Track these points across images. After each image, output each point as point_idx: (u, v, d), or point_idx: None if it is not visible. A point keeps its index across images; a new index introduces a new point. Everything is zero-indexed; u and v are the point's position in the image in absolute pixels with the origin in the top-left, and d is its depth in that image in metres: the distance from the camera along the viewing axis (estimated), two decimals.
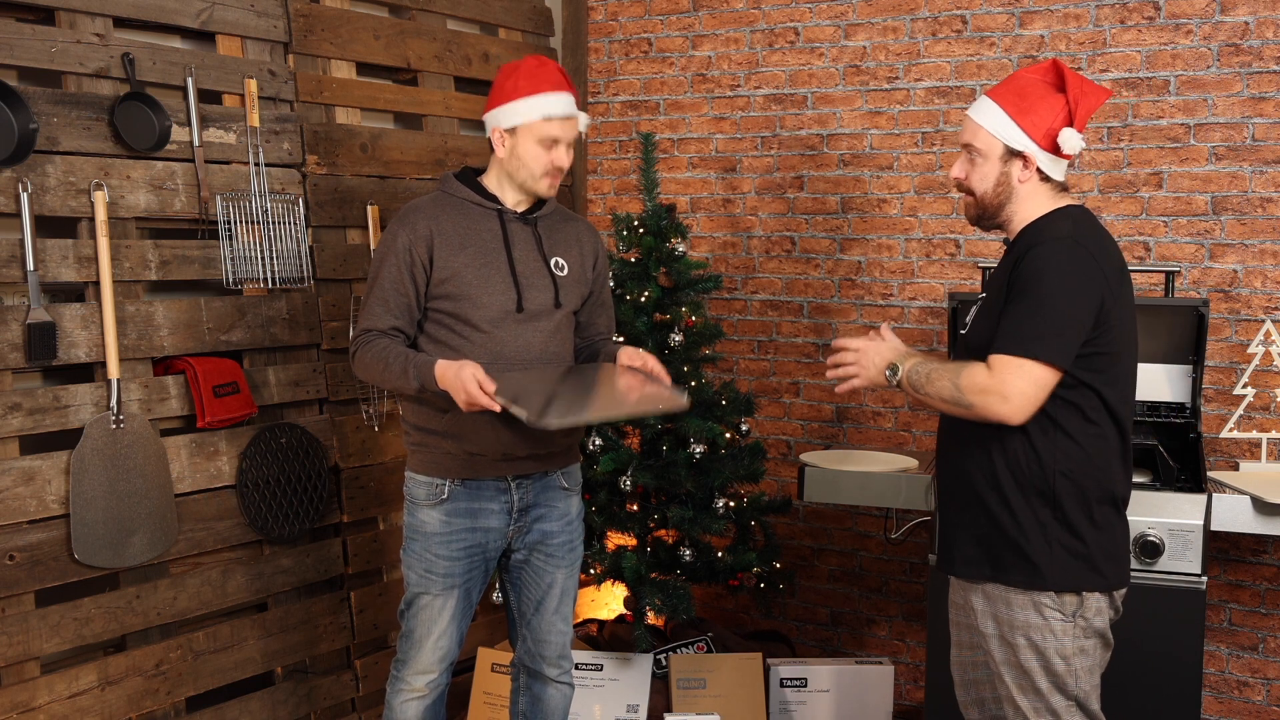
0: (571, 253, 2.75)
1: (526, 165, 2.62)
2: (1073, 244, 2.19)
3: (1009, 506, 2.25)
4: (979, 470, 2.29)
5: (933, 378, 2.25)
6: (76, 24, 2.84)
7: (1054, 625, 2.24)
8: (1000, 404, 2.15)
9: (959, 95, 3.74)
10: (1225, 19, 3.36)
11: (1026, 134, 2.26)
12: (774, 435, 4.16)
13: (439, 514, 2.65)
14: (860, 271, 3.96)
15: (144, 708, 2.97)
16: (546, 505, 2.75)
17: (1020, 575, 2.25)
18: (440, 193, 2.69)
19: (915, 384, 2.28)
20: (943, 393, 2.23)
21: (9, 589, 2.68)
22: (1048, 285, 2.15)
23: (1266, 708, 3.44)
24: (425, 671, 2.71)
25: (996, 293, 2.29)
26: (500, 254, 2.64)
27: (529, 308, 2.64)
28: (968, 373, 2.20)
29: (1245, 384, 3.26)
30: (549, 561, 2.77)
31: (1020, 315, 2.17)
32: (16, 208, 2.69)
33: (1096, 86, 2.29)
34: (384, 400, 3.54)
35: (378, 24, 3.62)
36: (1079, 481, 2.23)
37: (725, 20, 4.14)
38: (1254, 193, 3.37)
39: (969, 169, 2.35)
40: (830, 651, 4.11)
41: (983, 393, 2.16)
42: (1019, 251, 2.25)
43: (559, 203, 2.84)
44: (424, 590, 2.67)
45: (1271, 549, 3.41)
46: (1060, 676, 2.25)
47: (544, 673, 2.84)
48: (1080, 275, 2.17)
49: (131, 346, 2.92)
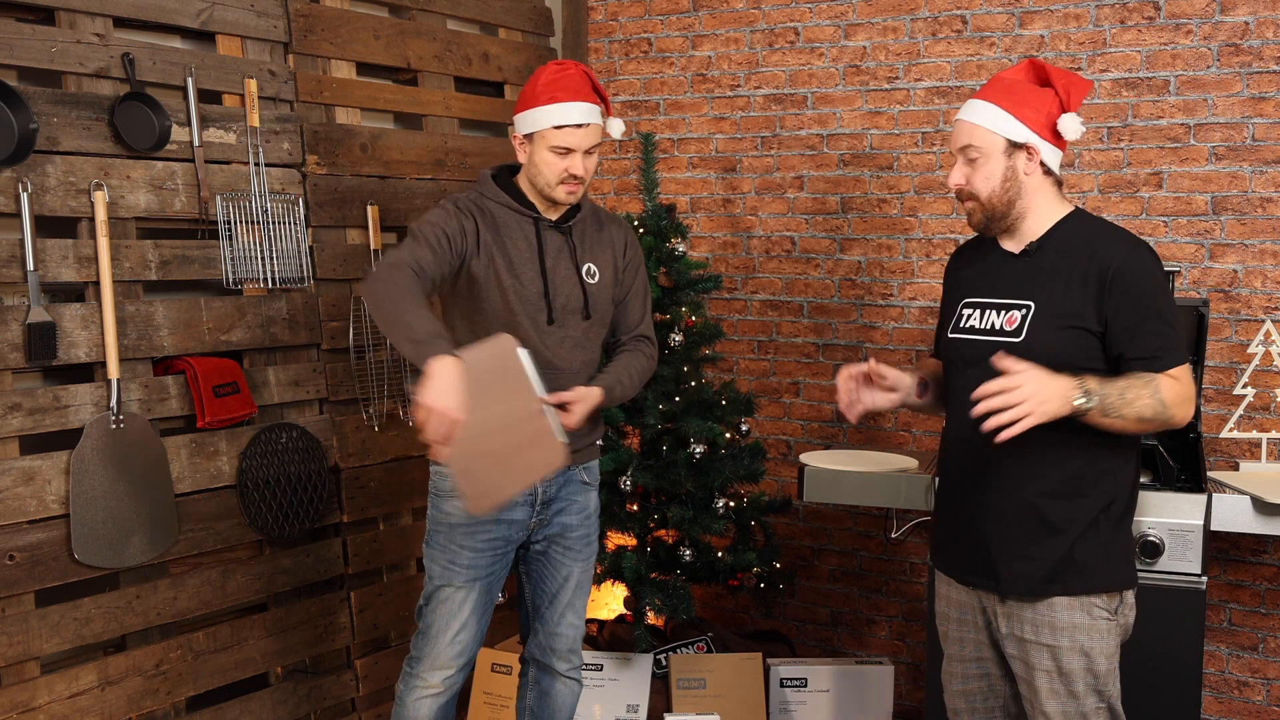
0: (604, 257, 2.75)
1: (542, 173, 2.62)
2: (1147, 247, 2.23)
3: (1071, 515, 2.23)
4: (1037, 480, 2.25)
5: (1128, 397, 2.13)
6: (76, 24, 2.84)
7: (1100, 625, 2.24)
8: (1190, 409, 2.20)
9: (959, 95, 3.74)
10: (1225, 19, 3.36)
11: (1026, 125, 2.24)
12: (774, 435, 4.16)
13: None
14: (860, 271, 3.96)
15: (144, 708, 2.97)
16: (568, 499, 2.76)
17: (1079, 582, 2.23)
18: (478, 194, 2.68)
19: (1110, 408, 2.13)
20: (1144, 412, 2.14)
21: (9, 589, 2.68)
22: (1163, 291, 2.22)
23: (1266, 708, 3.44)
24: (443, 668, 2.71)
25: (1061, 301, 2.22)
26: (534, 264, 2.64)
27: (558, 319, 2.65)
28: (1166, 387, 2.16)
29: (1245, 384, 3.26)
30: (566, 555, 2.79)
31: (1164, 327, 2.19)
32: (16, 208, 2.69)
33: (1077, 75, 2.29)
34: (384, 400, 3.54)
35: (378, 24, 3.62)
36: (1122, 480, 2.26)
37: (725, 20, 4.14)
38: (1254, 193, 3.37)
39: (969, 172, 2.28)
40: (830, 651, 4.11)
41: (1184, 404, 2.18)
42: (1097, 265, 2.19)
43: (593, 205, 2.83)
44: (446, 583, 2.68)
45: (1271, 549, 3.41)
46: (1101, 677, 2.25)
47: (554, 667, 2.85)
48: (1165, 272, 2.28)
49: (131, 346, 2.92)
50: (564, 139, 2.57)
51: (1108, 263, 2.19)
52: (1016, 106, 2.24)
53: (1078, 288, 2.21)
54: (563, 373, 2.65)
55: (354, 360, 3.46)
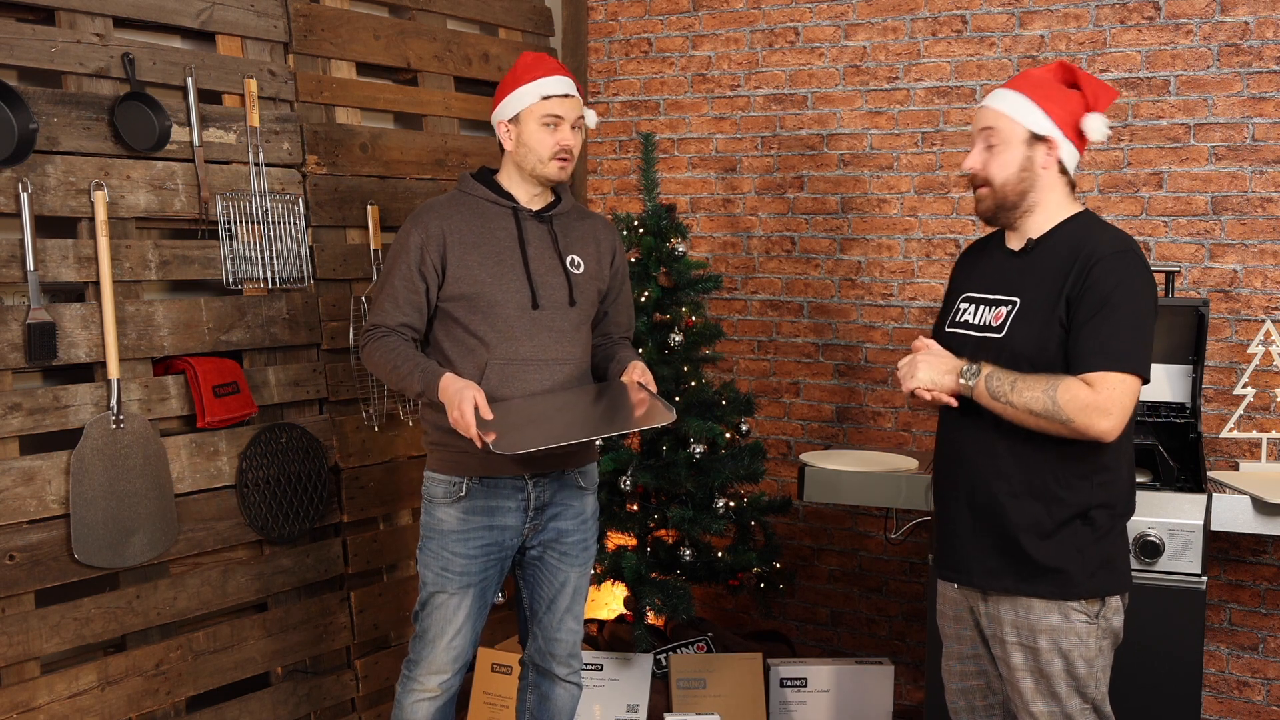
0: (588, 250, 2.77)
1: (534, 150, 2.64)
2: (1140, 256, 2.19)
3: (1036, 516, 2.23)
4: (1005, 480, 2.25)
5: (1019, 388, 2.15)
6: (76, 24, 2.84)
7: (1079, 628, 2.23)
8: (1102, 420, 2.10)
9: (959, 95, 3.74)
10: (1225, 19, 3.36)
11: (1051, 119, 2.24)
12: (774, 435, 4.16)
13: (456, 512, 2.66)
14: (860, 271, 3.96)
15: (144, 708, 2.97)
16: (563, 504, 2.76)
17: (1050, 585, 2.22)
18: (457, 192, 2.72)
19: (996, 391, 2.18)
20: (1032, 405, 2.14)
21: (9, 589, 2.68)
22: (1130, 298, 2.13)
23: (1266, 708, 3.44)
24: (438, 672, 2.71)
25: (1042, 298, 2.23)
26: (515, 252, 2.65)
27: (543, 305, 2.64)
28: (1065, 387, 2.12)
29: (1245, 384, 3.26)
30: (563, 560, 2.78)
31: (1111, 330, 2.13)
32: (16, 208, 2.69)
33: (1107, 84, 2.30)
34: (384, 400, 3.54)
35: (378, 24, 3.62)
36: (1110, 487, 2.23)
37: (725, 20, 4.14)
38: (1254, 193, 3.37)
39: (986, 157, 2.29)
40: (830, 651, 4.11)
41: (1085, 409, 2.10)
42: (1067, 257, 2.20)
43: (575, 200, 2.86)
44: (440, 589, 2.68)
45: (1271, 549, 3.41)
46: (1082, 680, 2.25)
47: (554, 671, 2.85)
48: (1150, 288, 2.18)
49: (131, 346, 2.92)
50: (553, 108, 2.62)
51: (1088, 258, 2.19)
52: (1044, 100, 2.25)
53: (1060, 282, 2.21)
54: (550, 364, 2.65)
55: (354, 360, 3.46)
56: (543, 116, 2.62)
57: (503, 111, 2.67)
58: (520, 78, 2.65)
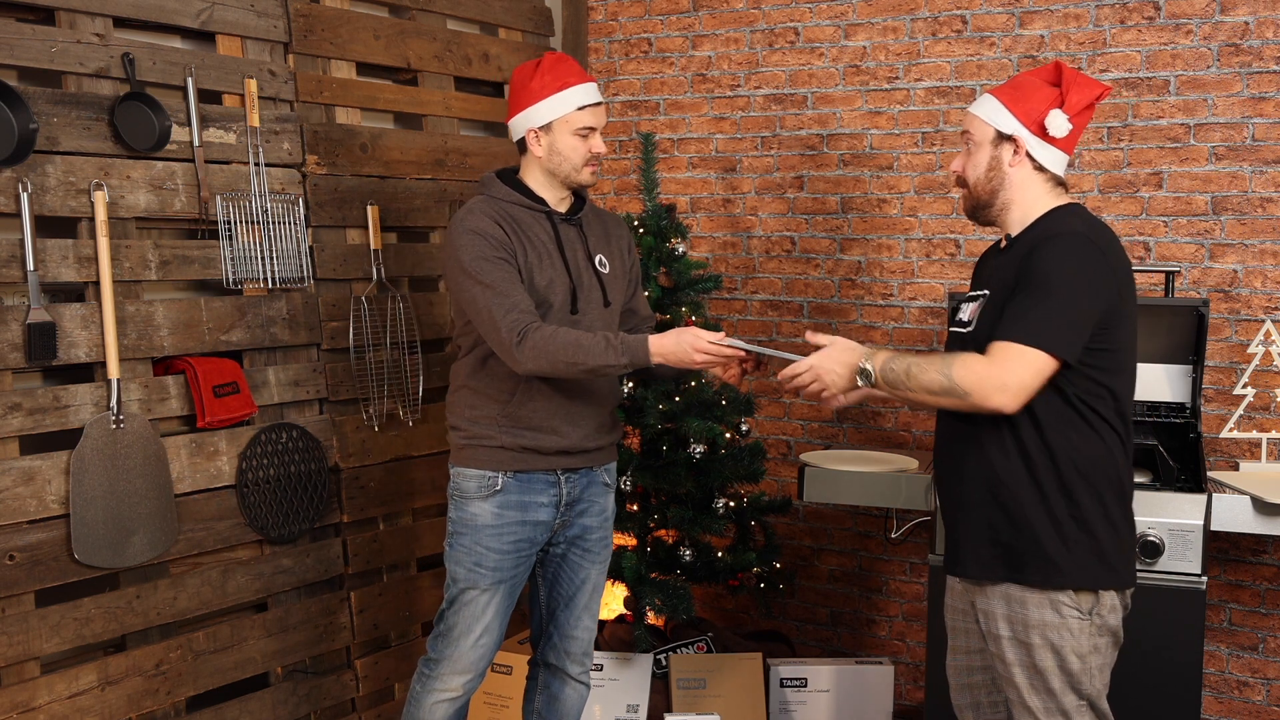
0: (610, 249, 2.79)
1: (568, 159, 2.63)
2: (1086, 240, 2.19)
3: (1024, 505, 2.23)
4: (991, 469, 2.26)
5: (914, 372, 2.19)
6: (76, 24, 2.84)
7: (1071, 624, 2.23)
8: (997, 392, 2.12)
9: (959, 95, 3.74)
10: (1225, 19, 3.36)
11: (1017, 119, 2.28)
12: (774, 435, 4.16)
13: (491, 506, 2.65)
14: (860, 271, 3.96)
15: (144, 708, 2.97)
16: (589, 500, 2.77)
17: (1038, 574, 2.23)
18: (486, 197, 2.67)
19: (893, 381, 2.22)
20: (930, 385, 2.17)
21: (9, 589, 2.68)
22: (1059, 278, 2.14)
23: (1266, 708, 3.44)
24: (463, 671, 2.71)
25: (1002, 288, 2.27)
26: (556, 256, 2.65)
27: (582, 307, 2.65)
28: (961, 361, 2.16)
29: (1245, 384, 3.26)
30: (585, 557, 2.80)
31: (1027, 305, 2.15)
32: (16, 208, 2.69)
33: (1091, 79, 2.30)
34: (384, 400, 3.54)
35: (378, 24, 3.62)
36: (1095, 479, 2.23)
37: (725, 20, 4.14)
38: (1254, 193, 3.37)
39: (965, 160, 2.37)
40: (830, 651, 4.11)
41: (980, 381, 2.12)
42: (1028, 245, 2.24)
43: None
44: (471, 585, 2.67)
45: (1271, 549, 3.41)
46: (1075, 676, 2.25)
47: (567, 670, 2.85)
48: (1092, 272, 2.16)
49: (131, 346, 2.92)
50: (587, 119, 2.61)
51: (1033, 243, 2.22)
52: (1014, 101, 2.30)
53: (1015, 272, 2.23)
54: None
55: (354, 360, 3.46)
56: (578, 128, 2.60)
57: (531, 119, 2.62)
58: (548, 85, 2.60)
